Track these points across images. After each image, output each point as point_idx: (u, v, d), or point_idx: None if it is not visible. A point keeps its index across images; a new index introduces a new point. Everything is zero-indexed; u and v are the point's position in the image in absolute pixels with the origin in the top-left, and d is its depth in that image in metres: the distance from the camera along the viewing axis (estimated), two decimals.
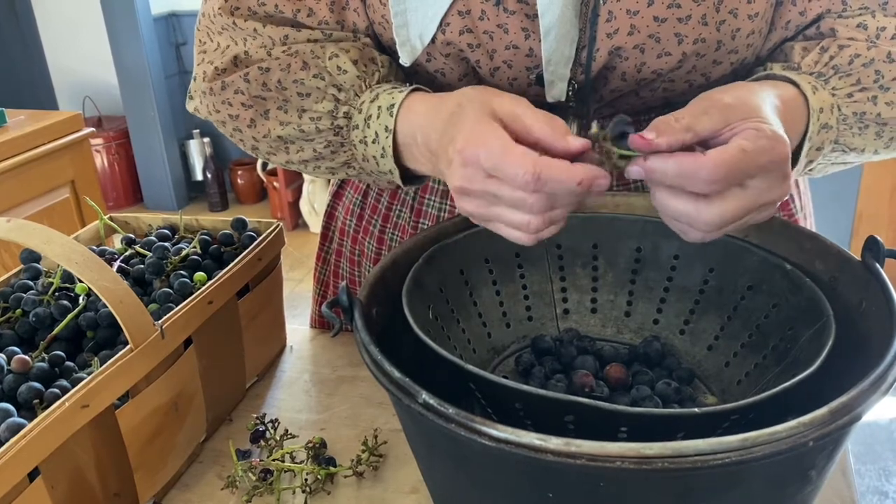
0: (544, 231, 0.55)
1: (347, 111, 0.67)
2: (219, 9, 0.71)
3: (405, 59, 0.70)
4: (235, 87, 0.70)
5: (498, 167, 0.52)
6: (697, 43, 0.65)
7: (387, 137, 0.64)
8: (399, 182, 0.67)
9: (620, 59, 0.67)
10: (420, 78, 0.74)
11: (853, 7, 0.67)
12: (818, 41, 0.67)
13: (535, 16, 0.65)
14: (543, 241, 0.57)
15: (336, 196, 0.93)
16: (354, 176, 0.73)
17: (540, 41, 0.66)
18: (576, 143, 0.53)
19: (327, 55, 0.68)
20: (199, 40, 0.75)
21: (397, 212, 0.86)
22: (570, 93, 0.70)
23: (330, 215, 0.95)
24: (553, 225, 0.55)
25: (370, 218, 0.88)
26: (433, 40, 0.69)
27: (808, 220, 0.88)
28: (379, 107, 0.64)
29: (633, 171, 0.52)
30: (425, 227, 0.84)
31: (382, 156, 0.65)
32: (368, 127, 0.65)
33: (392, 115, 0.63)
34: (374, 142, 0.65)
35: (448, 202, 0.81)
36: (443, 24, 0.68)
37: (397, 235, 0.86)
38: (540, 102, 0.70)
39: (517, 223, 0.54)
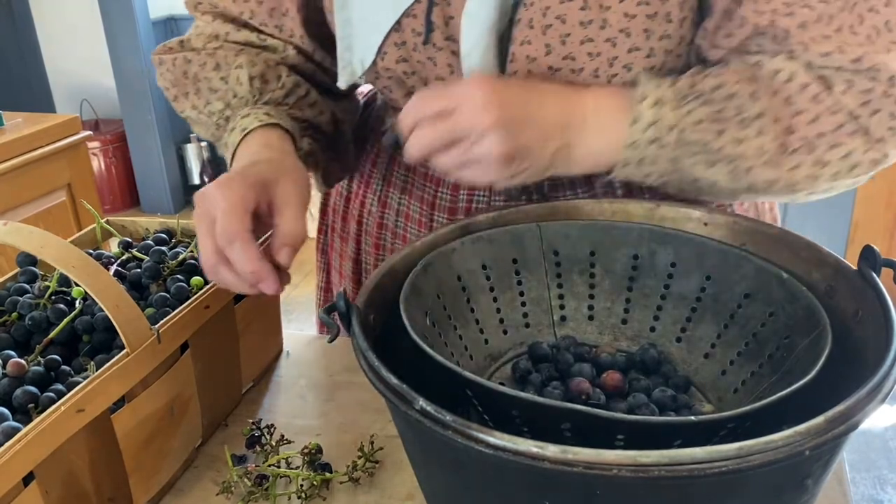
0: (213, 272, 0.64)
1: (230, 116, 0.79)
2: (185, 3, 0.84)
3: (342, 83, 0.78)
4: (166, 66, 0.83)
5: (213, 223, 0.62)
6: None
7: (229, 151, 0.74)
8: None
9: None
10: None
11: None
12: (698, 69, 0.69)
13: (460, 54, 0.71)
14: (542, 247, 0.59)
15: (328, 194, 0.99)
16: None
17: (463, 76, 0.72)
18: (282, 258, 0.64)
19: (235, 64, 0.79)
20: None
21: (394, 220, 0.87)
22: None
23: (323, 212, 1.00)
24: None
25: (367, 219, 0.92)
26: (374, 65, 0.75)
27: (777, 219, 0.91)
28: (238, 126, 0.74)
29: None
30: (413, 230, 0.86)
31: (229, 161, 0.75)
32: (230, 135, 0.75)
33: (240, 136, 0.73)
34: (225, 146, 0.76)
35: (462, 192, 0.83)
36: (381, 52, 0.74)
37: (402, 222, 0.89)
38: None
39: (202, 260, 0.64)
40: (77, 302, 0.69)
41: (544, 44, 0.68)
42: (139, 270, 0.74)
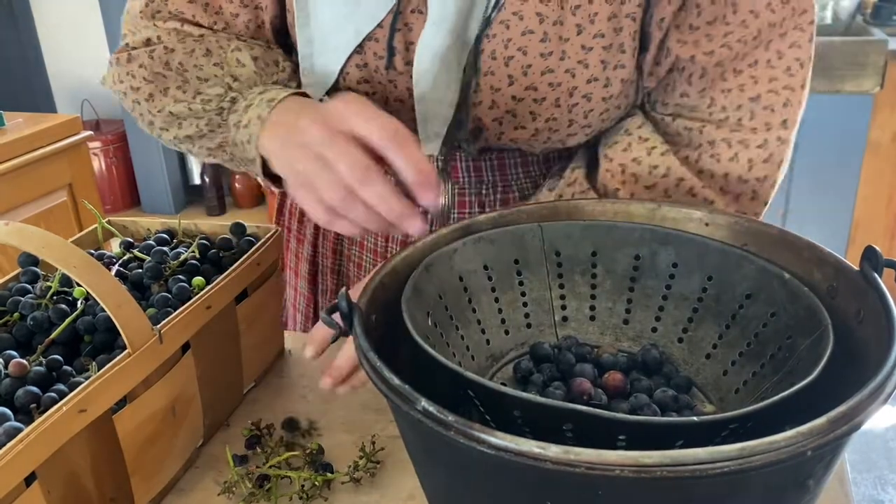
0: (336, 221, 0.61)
1: (234, 97, 0.72)
2: (139, 13, 0.78)
3: (314, 96, 0.76)
4: (140, 62, 0.75)
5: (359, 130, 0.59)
6: (550, 121, 0.73)
7: (256, 125, 0.67)
8: (259, 170, 0.69)
9: (483, 128, 0.75)
10: None
11: (679, 105, 0.74)
12: (575, 187, 0.77)
13: None
14: (543, 248, 0.60)
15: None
16: (227, 161, 0.77)
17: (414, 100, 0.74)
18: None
19: (231, 48, 0.74)
20: (123, 34, 0.81)
21: None
22: (444, 150, 0.77)
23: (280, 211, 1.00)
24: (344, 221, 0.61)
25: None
26: (335, 85, 0.76)
27: None
28: (262, 99, 0.68)
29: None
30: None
31: (248, 141, 0.68)
32: (246, 112, 0.69)
33: (270, 108, 0.66)
34: (245, 126, 0.68)
35: None
36: (343, 73, 0.75)
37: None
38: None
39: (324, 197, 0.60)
40: (79, 302, 0.69)
41: (507, 74, 0.71)
42: (140, 270, 0.74)
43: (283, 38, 0.80)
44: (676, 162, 0.74)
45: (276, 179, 0.70)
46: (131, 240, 0.82)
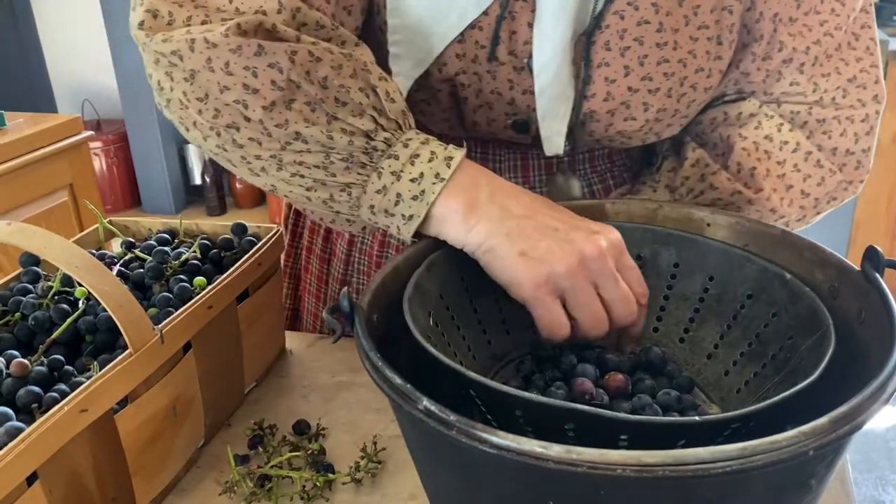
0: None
1: (388, 138, 0.62)
2: None
3: (400, 89, 0.71)
4: (273, 60, 0.59)
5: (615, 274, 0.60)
6: (660, 112, 0.73)
7: (434, 184, 0.60)
8: (409, 230, 0.62)
9: (592, 121, 0.74)
10: None
11: (786, 93, 0.78)
12: (700, 167, 0.79)
13: (522, 69, 0.72)
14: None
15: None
16: (326, 204, 0.65)
17: (523, 94, 0.73)
18: None
19: (376, 75, 0.63)
20: None
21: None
22: (567, 146, 0.76)
23: (298, 213, 0.97)
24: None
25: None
26: (429, 74, 0.72)
27: None
28: (433, 152, 0.61)
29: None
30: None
31: (415, 198, 0.60)
32: (412, 164, 0.60)
33: (449, 168, 0.60)
34: (412, 180, 0.60)
35: None
36: (439, 62, 0.72)
37: (367, 239, 0.89)
38: (510, 144, 0.80)
39: (592, 318, 0.60)
40: (80, 302, 0.69)
41: (623, 65, 0.70)
42: (142, 270, 0.74)
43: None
44: (803, 136, 0.78)
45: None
46: (132, 240, 0.82)
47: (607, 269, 0.58)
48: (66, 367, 0.63)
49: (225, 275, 0.71)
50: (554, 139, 0.75)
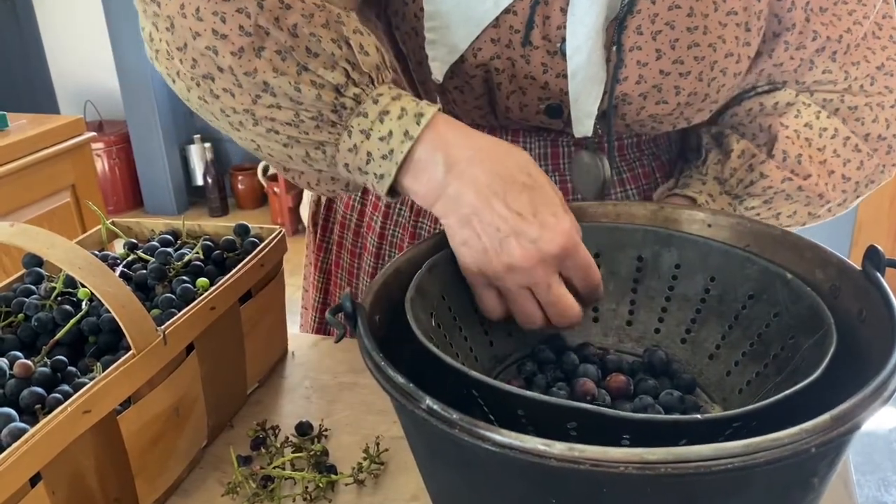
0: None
1: (358, 94, 0.60)
2: None
3: (437, 75, 0.74)
4: (241, 6, 0.59)
5: (580, 276, 0.61)
6: (691, 95, 0.74)
7: (402, 142, 0.59)
8: (382, 189, 0.61)
9: (625, 104, 0.74)
10: (430, 95, 0.78)
11: (818, 82, 0.79)
12: (747, 158, 0.81)
13: (556, 53, 0.72)
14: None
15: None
16: (306, 162, 0.65)
17: (556, 77, 0.73)
18: None
19: (351, 27, 0.61)
20: None
21: (397, 208, 0.88)
22: (598, 128, 0.77)
23: (328, 208, 0.97)
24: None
25: (371, 214, 0.91)
26: (464, 60, 0.73)
27: None
28: (403, 108, 0.59)
29: None
30: (425, 226, 0.86)
31: (385, 157, 0.59)
32: (381, 122, 0.59)
33: (419, 125, 0.59)
34: (381, 139, 0.59)
35: None
36: (474, 47, 0.72)
37: (398, 233, 0.89)
38: (542, 128, 0.81)
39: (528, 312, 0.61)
40: (83, 303, 0.69)
41: (655, 49, 0.71)
42: (145, 271, 0.74)
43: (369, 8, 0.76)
44: (840, 122, 0.80)
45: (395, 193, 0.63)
46: (135, 241, 0.82)
47: (537, 277, 0.58)
48: (70, 368, 0.63)
49: (228, 276, 0.71)
50: (584, 121, 0.75)
